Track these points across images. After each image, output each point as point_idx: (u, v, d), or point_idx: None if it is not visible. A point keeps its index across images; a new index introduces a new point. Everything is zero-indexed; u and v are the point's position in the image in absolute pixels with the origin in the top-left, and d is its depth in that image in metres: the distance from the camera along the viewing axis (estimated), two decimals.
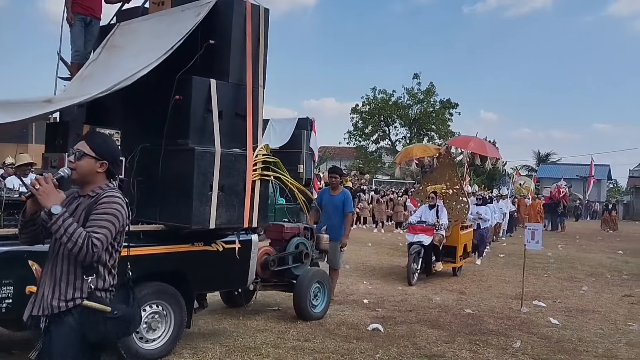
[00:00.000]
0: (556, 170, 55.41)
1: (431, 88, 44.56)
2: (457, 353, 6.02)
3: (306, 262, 7.28)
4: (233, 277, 6.00)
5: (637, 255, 17.93)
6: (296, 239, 7.28)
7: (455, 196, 11.79)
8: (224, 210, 5.30)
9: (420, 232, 10.43)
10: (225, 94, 5.41)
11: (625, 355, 6.24)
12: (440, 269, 10.84)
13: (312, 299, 7.07)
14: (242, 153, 5.47)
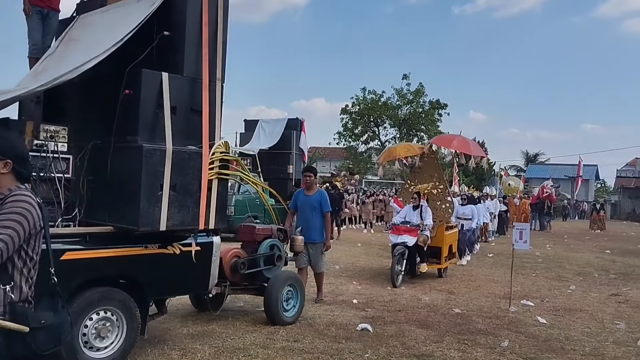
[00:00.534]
0: (544, 171, 55.84)
1: (420, 88, 44.74)
2: (445, 352, 6.04)
3: (279, 264, 7.08)
4: (192, 282, 5.68)
5: (625, 254, 18.09)
6: (268, 241, 7.05)
7: (440, 196, 11.63)
8: (177, 211, 5.03)
9: (404, 233, 10.27)
10: (180, 89, 5.16)
11: (612, 354, 6.29)
12: (424, 270, 10.67)
13: (284, 302, 6.84)
14: (197, 151, 5.20)
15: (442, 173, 12.24)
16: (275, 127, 20.09)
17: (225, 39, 5.50)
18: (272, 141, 19.62)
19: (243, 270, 6.70)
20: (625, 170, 65.61)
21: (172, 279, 5.44)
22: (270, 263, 6.99)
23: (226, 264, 6.58)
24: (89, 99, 5.52)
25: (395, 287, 9.71)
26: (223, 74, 5.50)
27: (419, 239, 10.31)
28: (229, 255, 6.70)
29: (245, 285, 7.02)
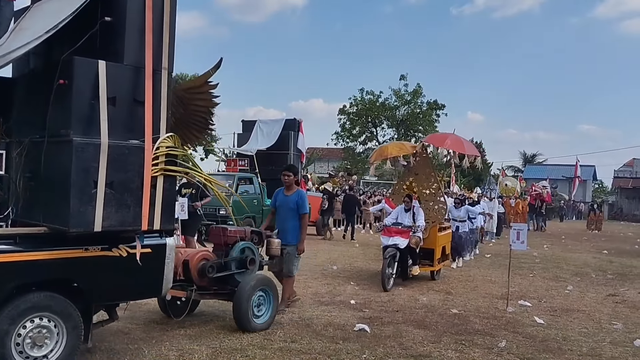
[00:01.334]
0: (542, 171, 55.93)
1: (418, 89, 44.79)
2: (443, 353, 6.04)
3: (252, 268, 6.71)
4: (143, 286, 5.26)
5: (622, 255, 18.12)
6: (241, 244, 6.72)
7: (433, 196, 11.28)
8: (114, 210, 4.64)
9: (395, 235, 9.97)
10: (120, 78, 4.76)
11: (609, 354, 6.30)
12: (417, 273, 10.37)
13: (255, 308, 6.47)
14: (138, 145, 4.80)
15: (436, 173, 11.97)
16: (273, 127, 20.12)
17: (173, 25, 5.09)
18: (270, 142, 19.65)
19: (212, 274, 6.37)
20: (622, 171, 65.75)
21: (118, 283, 5.04)
22: (242, 267, 6.67)
23: (193, 267, 6.33)
24: (30, 91, 5.23)
25: (386, 290, 9.43)
26: (171, 63, 5.10)
27: (411, 240, 10.04)
28: (196, 258, 6.41)
29: (215, 290, 6.65)
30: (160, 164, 4.93)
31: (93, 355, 5.41)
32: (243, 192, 17.01)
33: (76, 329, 4.77)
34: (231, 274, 6.59)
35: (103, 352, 5.52)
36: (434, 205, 11.15)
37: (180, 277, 6.32)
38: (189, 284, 6.34)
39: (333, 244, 17.45)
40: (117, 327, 6.40)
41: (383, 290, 9.40)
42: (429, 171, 11.51)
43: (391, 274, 9.77)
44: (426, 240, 10.69)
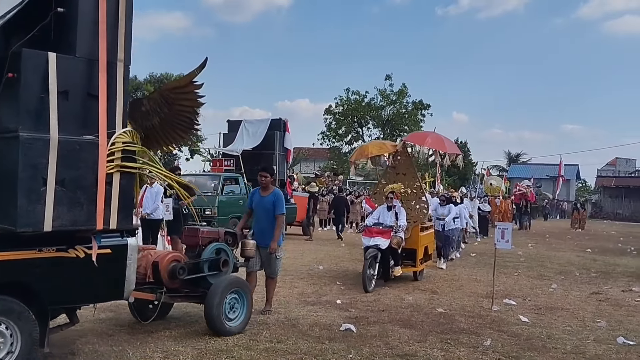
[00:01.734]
0: (527, 170, 56.37)
1: (403, 89, 45.00)
2: (428, 352, 6.06)
3: (225, 270, 6.54)
4: (103, 288, 5.06)
5: (605, 253, 18.31)
6: (214, 245, 6.58)
7: (415, 196, 11.07)
8: (66, 209, 4.44)
9: (376, 235, 9.76)
10: (73, 71, 4.60)
11: (593, 352, 6.35)
12: (399, 274, 10.21)
13: (228, 311, 6.31)
14: (91, 141, 4.61)
15: (417, 171, 11.70)
16: (259, 127, 20.10)
17: (129, 15, 4.91)
18: (256, 142, 19.62)
19: (182, 275, 6.19)
20: (605, 170, 66.48)
21: (76, 285, 4.84)
22: (215, 269, 6.50)
23: (163, 269, 6.13)
24: None
25: (368, 291, 9.27)
26: (128, 55, 4.90)
27: (393, 241, 9.86)
28: (166, 260, 6.21)
29: (186, 292, 6.46)
30: (116, 160, 4.75)
31: (76, 357, 5.37)
32: (229, 192, 16.97)
33: (31, 333, 4.59)
34: (203, 276, 6.42)
35: (87, 354, 5.47)
36: (415, 205, 10.98)
37: (150, 279, 6.16)
38: (159, 287, 6.15)
39: (319, 243, 17.45)
40: (100, 329, 6.38)
41: (365, 292, 9.26)
42: (411, 170, 11.32)
43: (372, 275, 9.62)
44: (408, 240, 10.51)
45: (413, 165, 11.56)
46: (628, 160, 71.40)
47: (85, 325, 6.55)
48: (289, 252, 13.71)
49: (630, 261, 16.12)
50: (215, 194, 16.39)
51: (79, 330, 6.29)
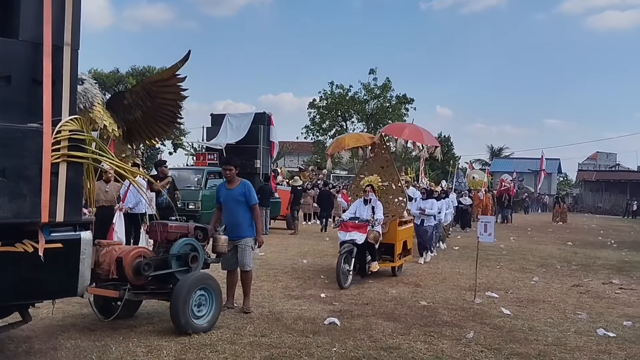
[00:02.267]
0: (509, 164, 56.85)
1: (387, 83, 45.07)
2: (412, 345, 6.09)
3: (194, 266, 6.34)
4: (54, 285, 4.78)
5: (586, 246, 18.53)
6: (182, 240, 6.37)
7: (393, 189, 10.72)
8: (7, 200, 4.21)
9: (352, 230, 9.50)
10: (15, 55, 4.38)
11: (574, 343, 6.42)
12: (376, 269, 9.91)
13: (195, 308, 6.10)
14: (34, 129, 4.37)
15: (395, 164, 11.25)
16: (243, 121, 19.99)
17: None
18: (239, 135, 19.52)
19: (148, 272, 5.99)
20: (586, 164, 67.30)
21: (25, 282, 4.57)
22: (183, 265, 6.29)
23: (127, 265, 5.94)
24: None
25: (343, 288, 9.02)
26: (76, 39, 4.64)
27: (369, 235, 9.59)
28: (131, 255, 6.02)
29: (152, 289, 6.25)
30: (62, 150, 4.47)
31: (58, 352, 5.33)
32: (212, 186, 16.88)
33: None
34: (171, 273, 6.21)
35: (69, 349, 5.43)
36: (393, 199, 10.66)
37: (114, 275, 5.99)
38: (124, 283, 5.96)
39: (303, 237, 17.45)
40: (83, 324, 6.32)
41: (340, 288, 9.00)
42: (389, 163, 10.96)
43: (348, 270, 9.35)
44: (386, 235, 10.30)
45: (391, 157, 11.20)
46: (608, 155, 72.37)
47: (67, 320, 6.51)
48: (273, 246, 13.72)
49: (610, 254, 16.34)
50: (198, 188, 16.31)
51: (61, 325, 6.25)
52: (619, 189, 52.53)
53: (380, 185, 10.57)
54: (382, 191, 10.60)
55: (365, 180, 10.45)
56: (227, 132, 19.88)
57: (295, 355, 5.54)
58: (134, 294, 6.08)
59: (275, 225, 20.02)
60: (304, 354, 5.58)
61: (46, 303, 7.02)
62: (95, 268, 5.94)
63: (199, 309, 6.20)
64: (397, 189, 10.73)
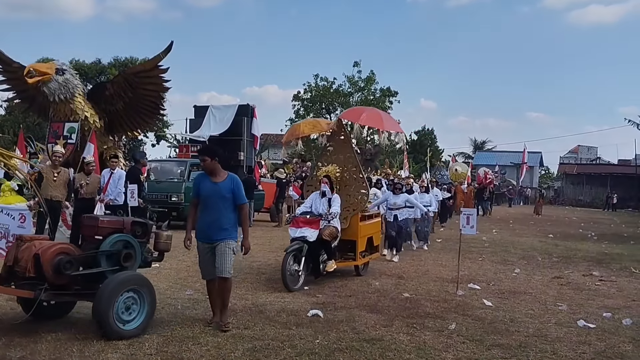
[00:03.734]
0: (491, 157, 57.26)
1: (372, 76, 45.00)
2: (394, 336, 6.11)
3: (129, 265, 5.77)
4: None
5: (567, 238, 18.73)
6: (115, 236, 5.74)
7: (354, 180, 9.71)
8: None
9: (303, 226, 8.64)
10: None
11: (555, 335, 6.49)
12: (332, 268, 8.92)
13: (121, 312, 5.50)
14: None
15: (355, 154, 10.22)
16: (226, 113, 19.89)
17: None
18: (223, 127, 19.41)
19: (70, 270, 5.49)
20: (567, 157, 67.95)
21: None
22: (115, 263, 5.71)
23: (46, 263, 5.42)
24: None
25: (290, 291, 8.13)
26: None
27: (324, 231, 8.70)
28: (50, 252, 5.49)
29: (77, 290, 5.71)
30: None
31: (38, 345, 5.26)
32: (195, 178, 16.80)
33: None
34: (102, 272, 5.64)
35: (49, 342, 5.36)
36: (354, 191, 9.66)
37: (30, 273, 5.46)
38: (40, 282, 5.43)
39: (287, 230, 17.39)
40: (63, 318, 6.24)
41: (287, 291, 8.12)
42: (348, 151, 9.88)
43: (296, 271, 8.41)
44: (346, 231, 9.43)
45: (351, 145, 10.14)
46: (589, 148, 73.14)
47: None
48: (257, 239, 13.67)
49: (590, 246, 16.54)
50: (182, 180, 16.20)
51: None
52: (600, 182, 53.12)
53: (340, 176, 9.58)
54: (342, 183, 9.66)
55: (321, 170, 9.60)
56: (211, 124, 19.77)
57: (278, 347, 5.53)
58: (53, 295, 5.54)
59: (259, 217, 19.96)
60: (286, 346, 5.58)
61: None
62: (14, 265, 5.59)
63: (128, 313, 5.59)
64: (359, 180, 9.74)
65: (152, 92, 12.26)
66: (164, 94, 12.30)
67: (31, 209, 9.91)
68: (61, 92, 11.73)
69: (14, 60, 12.36)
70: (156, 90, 12.24)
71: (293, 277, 8.36)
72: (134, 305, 5.65)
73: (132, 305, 5.62)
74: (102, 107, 12.51)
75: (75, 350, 5.16)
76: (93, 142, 11.48)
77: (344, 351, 5.52)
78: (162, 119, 15.46)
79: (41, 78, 11.48)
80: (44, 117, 13.17)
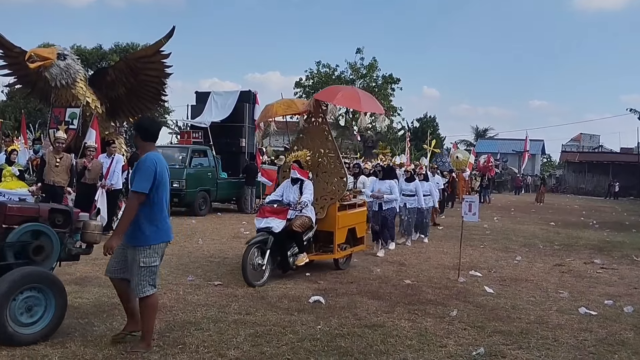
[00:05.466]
0: (493, 145, 57.18)
1: (374, 63, 44.88)
2: (396, 323, 6.13)
3: (40, 258, 5.00)
4: None
5: (568, 226, 18.72)
6: (25, 226, 4.98)
7: (331, 166, 8.87)
8: None
9: (269, 215, 7.87)
10: None
11: (556, 322, 6.50)
12: (303, 262, 8.15)
13: (20, 313, 4.74)
14: None
15: (332, 137, 9.31)
16: (228, 99, 19.82)
17: None
18: (225, 114, 19.36)
19: None
20: (570, 145, 67.79)
21: None
22: (25, 257, 4.96)
23: None
24: None
25: (253, 286, 7.38)
26: None
27: (295, 222, 7.99)
28: None
29: None
30: None
31: None
32: (197, 164, 16.78)
33: None
34: (7, 265, 4.86)
35: None
36: (332, 178, 8.82)
37: None
38: None
39: None
40: None
41: (250, 286, 7.41)
42: (326, 135, 9.05)
43: (260, 265, 7.63)
44: (323, 221, 8.66)
45: (329, 128, 9.18)
46: (592, 136, 72.98)
47: None
48: None
49: (592, 234, 16.54)
50: (183, 167, 16.19)
51: None
52: (602, 170, 53.00)
53: (311, 160, 8.72)
54: (320, 169, 8.91)
55: (291, 156, 8.84)
56: (212, 111, 19.70)
57: (280, 333, 5.55)
58: None
59: None
60: (288, 332, 5.59)
61: None
62: None
63: (29, 314, 4.83)
64: (337, 166, 8.88)
65: (154, 77, 12.23)
66: (166, 79, 12.27)
67: (33, 194, 9.96)
68: (63, 77, 11.69)
69: (15, 45, 12.31)
70: (158, 76, 12.20)
71: (256, 272, 7.64)
72: (37, 307, 4.86)
73: (34, 306, 4.84)
74: (104, 92, 12.48)
75: (77, 335, 5.17)
76: (95, 128, 11.46)
77: (345, 337, 5.54)
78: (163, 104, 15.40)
79: (42, 63, 11.43)
80: (46, 102, 13.15)
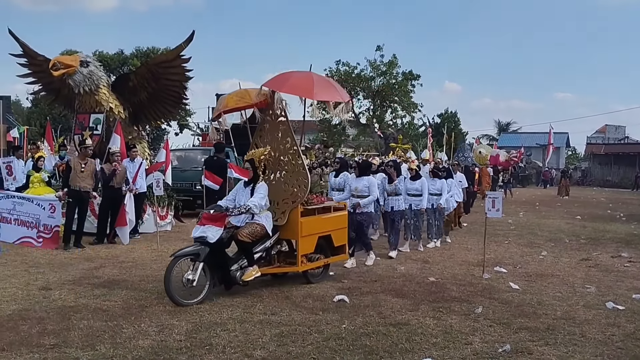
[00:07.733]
0: (516, 139, 56.52)
1: (394, 60, 44.68)
2: (421, 320, 6.13)
3: None
4: None
5: (595, 220, 18.46)
6: None
7: (291, 166, 7.77)
8: None
9: (207, 223, 6.78)
10: None
11: (583, 317, 6.44)
12: (251, 277, 7.03)
13: None
14: None
15: (292, 131, 7.95)
16: None
17: None
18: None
19: None
20: (595, 137, 66.70)
21: None
22: None
23: None
24: None
25: (182, 305, 6.37)
26: None
27: (243, 231, 6.96)
28: None
29: None
30: None
31: (71, 332, 5.39)
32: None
33: None
34: None
35: (82, 329, 5.49)
36: (292, 179, 7.72)
37: None
38: None
39: None
40: (95, 305, 6.39)
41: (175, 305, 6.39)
42: (284, 130, 7.93)
43: (191, 280, 6.52)
44: (285, 228, 7.61)
45: (288, 122, 7.99)
46: (617, 127, 71.70)
47: (79, 301, 6.58)
48: None
49: (619, 227, 16.30)
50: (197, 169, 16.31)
51: (73, 307, 6.32)
52: (628, 162, 52.07)
53: (266, 159, 7.62)
54: (280, 169, 7.88)
55: (249, 154, 7.68)
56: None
57: (305, 333, 5.59)
58: None
59: None
60: (313, 331, 5.63)
61: (58, 284, 7.12)
62: None
63: None
64: (297, 165, 7.77)
65: (175, 82, 12.38)
66: (187, 83, 12.42)
67: (60, 199, 10.16)
68: (86, 84, 11.90)
69: (39, 53, 12.57)
70: (179, 80, 12.35)
71: (185, 290, 6.54)
72: None
73: None
74: (126, 97, 12.67)
75: (107, 337, 5.28)
76: (119, 134, 11.62)
77: (370, 336, 5.56)
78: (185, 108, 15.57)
79: (66, 70, 11.65)
80: (70, 109, 13.39)
